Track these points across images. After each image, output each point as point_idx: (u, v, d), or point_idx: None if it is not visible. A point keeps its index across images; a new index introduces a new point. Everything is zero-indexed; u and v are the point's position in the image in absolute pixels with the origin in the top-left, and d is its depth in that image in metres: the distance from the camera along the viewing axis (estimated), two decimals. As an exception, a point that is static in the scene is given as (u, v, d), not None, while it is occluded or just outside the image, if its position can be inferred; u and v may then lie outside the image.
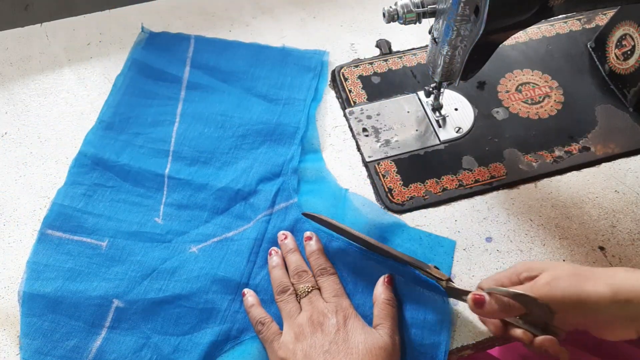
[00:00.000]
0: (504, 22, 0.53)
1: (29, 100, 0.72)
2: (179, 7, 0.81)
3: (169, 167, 0.65)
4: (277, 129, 0.68)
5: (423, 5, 0.57)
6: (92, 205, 0.62)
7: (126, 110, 0.69)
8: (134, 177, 0.64)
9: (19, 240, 0.62)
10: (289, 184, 0.64)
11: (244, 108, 0.70)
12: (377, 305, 0.55)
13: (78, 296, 0.56)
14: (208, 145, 0.67)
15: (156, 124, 0.68)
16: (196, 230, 0.61)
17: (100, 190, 0.63)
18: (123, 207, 0.62)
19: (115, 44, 0.77)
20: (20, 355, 0.54)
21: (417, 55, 0.76)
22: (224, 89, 0.72)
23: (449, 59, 0.59)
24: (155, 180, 0.64)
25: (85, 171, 0.64)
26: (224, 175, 0.65)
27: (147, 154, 0.66)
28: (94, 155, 0.65)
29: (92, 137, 0.67)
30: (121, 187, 0.64)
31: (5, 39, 0.77)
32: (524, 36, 0.78)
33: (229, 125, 0.68)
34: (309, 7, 0.82)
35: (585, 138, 0.69)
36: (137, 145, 0.67)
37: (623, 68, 0.72)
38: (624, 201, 0.65)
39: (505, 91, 0.73)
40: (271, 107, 0.70)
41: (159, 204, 0.63)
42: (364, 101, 0.72)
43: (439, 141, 0.69)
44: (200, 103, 0.70)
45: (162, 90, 0.71)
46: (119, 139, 0.67)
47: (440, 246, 0.61)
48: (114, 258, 0.59)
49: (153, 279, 0.58)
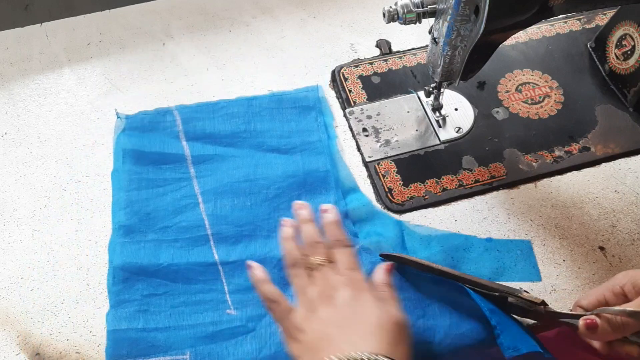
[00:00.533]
0: (504, 22, 0.53)
1: (29, 100, 0.72)
2: (179, 7, 0.81)
3: (216, 252, 0.60)
4: (307, 178, 0.65)
5: (423, 5, 0.57)
6: (153, 320, 0.56)
7: (141, 207, 0.62)
8: (183, 275, 0.58)
9: (19, 240, 0.62)
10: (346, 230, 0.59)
11: (264, 167, 0.65)
12: (377, 288, 0.53)
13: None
14: (245, 217, 0.62)
15: (180, 211, 0.62)
16: None
17: (154, 300, 0.57)
18: (187, 310, 0.57)
19: (115, 44, 0.77)
20: None
21: (417, 55, 0.76)
22: (233, 153, 0.66)
23: (449, 59, 0.59)
24: (208, 272, 0.59)
25: (128, 286, 0.58)
26: (276, 243, 0.59)
27: (185, 246, 0.60)
28: (129, 265, 0.58)
29: (117, 247, 0.60)
30: (175, 291, 0.58)
31: (5, 39, 0.77)
32: (524, 36, 0.78)
33: (257, 190, 0.64)
34: (309, 7, 0.82)
35: (585, 138, 0.69)
36: (170, 240, 0.60)
37: (623, 68, 0.72)
38: (624, 201, 0.65)
39: (505, 91, 0.73)
40: (291, 158, 0.66)
41: (224, 294, 0.58)
42: (364, 101, 0.72)
43: (439, 141, 0.69)
44: (215, 175, 0.65)
45: (169, 174, 0.65)
46: (147, 240, 0.60)
47: (518, 250, 0.61)
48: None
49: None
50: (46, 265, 0.60)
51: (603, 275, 0.60)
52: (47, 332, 0.56)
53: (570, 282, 0.60)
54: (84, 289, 0.59)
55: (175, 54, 0.77)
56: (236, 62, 0.76)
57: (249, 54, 0.77)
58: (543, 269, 0.60)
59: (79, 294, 0.59)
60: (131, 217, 0.62)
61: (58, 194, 0.65)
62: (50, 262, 0.60)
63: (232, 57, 0.77)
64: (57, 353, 0.55)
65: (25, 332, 0.56)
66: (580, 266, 0.61)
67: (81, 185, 0.65)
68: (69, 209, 0.64)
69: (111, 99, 0.72)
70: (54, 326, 0.57)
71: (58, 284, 0.59)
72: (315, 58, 0.77)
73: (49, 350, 0.55)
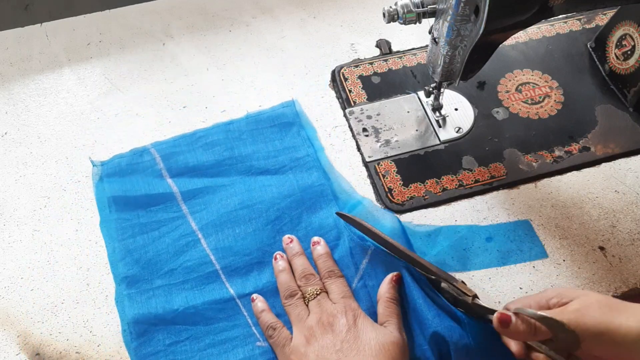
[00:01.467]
0: (504, 22, 0.53)
1: (29, 100, 0.72)
2: (179, 7, 0.81)
3: (230, 286, 0.59)
4: (304, 195, 0.64)
5: (423, 5, 0.57)
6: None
7: (141, 255, 0.60)
8: (203, 316, 0.57)
9: (19, 240, 0.62)
10: (354, 238, 0.60)
11: (257, 191, 0.64)
12: (382, 303, 0.55)
13: None
14: (250, 244, 0.61)
15: (182, 251, 0.60)
16: None
17: (179, 348, 0.55)
18: (216, 351, 0.55)
19: (115, 44, 0.77)
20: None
21: (417, 55, 0.76)
22: (222, 182, 0.65)
23: (449, 59, 0.59)
24: (227, 308, 0.57)
25: (148, 339, 0.55)
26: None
27: (197, 286, 0.58)
28: (143, 318, 0.56)
29: (125, 300, 0.58)
30: (198, 333, 0.56)
31: (5, 39, 0.77)
32: (524, 36, 0.78)
33: (257, 215, 0.62)
34: (309, 7, 0.82)
35: (585, 138, 0.69)
36: (179, 282, 0.59)
37: (623, 68, 0.72)
38: (624, 201, 0.65)
39: (505, 91, 0.73)
40: (283, 178, 0.65)
41: (249, 327, 0.56)
42: (364, 101, 0.72)
43: (439, 141, 0.69)
44: (209, 208, 0.63)
45: (161, 215, 0.63)
46: (156, 287, 0.58)
47: (521, 231, 0.62)
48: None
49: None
50: (46, 265, 0.60)
51: (603, 275, 0.60)
52: (47, 332, 0.56)
53: (571, 282, 0.60)
54: (84, 289, 0.59)
55: (175, 54, 0.77)
56: (236, 62, 0.76)
57: (249, 54, 0.77)
58: (543, 268, 0.60)
59: (79, 294, 0.59)
60: (132, 267, 0.59)
61: (58, 194, 0.65)
62: (50, 262, 0.60)
63: (232, 57, 0.77)
64: (57, 353, 0.55)
65: (25, 332, 0.56)
66: (580, 266, 0.61)
67: (81, 185, 0.65)
68: (69, 209, 0.64)
69: (111, 99, 0.72)
70: (54, 326, 0.57)
71: (58, 284, 0.59)
72: (315, 58, 0.77)
73: (49, 350, 0.55)
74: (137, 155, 0.67)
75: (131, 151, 0.67)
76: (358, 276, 0.58)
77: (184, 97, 0.73)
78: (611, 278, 0.60)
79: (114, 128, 0.70)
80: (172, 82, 0.74)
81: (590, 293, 0.49)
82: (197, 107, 0.72)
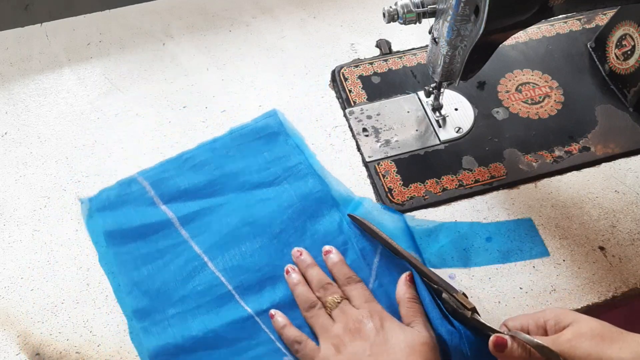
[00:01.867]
0: (504, 22, 0.53)
1: (29, 100, 0.72)
2: (179, 7, 0.81)
3: (246, 305, 0.58)
4: (304, 204, 0.63)
5: (423, 5, 0.57)
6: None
7: (148, 286, 0.58)
8: (224, 338, 0.56)
9: (19, 240, 0.62)
10: (360, 241, 0.60)
11: (257, 206, 0.63)
12: (403, 305, 0.54)
13: None
14: (259, 260, 0.60)
15: (190, 277, 0.59)
16: None
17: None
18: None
19: (115, 44, 0.77)
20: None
21: (417, 55, 0.76)
22: (218, 202, 0.63)
23: (449, 59, 0.59)
24: (247, 327, 0.56)
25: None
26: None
27: (212, 309, 0.57)
28: (163, 349, 0.55)
29: (141, 334, 0.56)
30: (223, 357, 0.55)
31: (5, 39, 0.77)
32: (524, 36, 0.78)
33: (261, 230, 0.61)
34: (309, 7, 0.82)
35: (585, 138, 0.69)
36: (193, 307, 0.57)
37: (623, 68, 0.72)
38: (624, 201, 0.65)
39: (505, 91, 0.73)
40: (280, 189, 0.64)
41: (272, 343, 0.56)
42: (364, 101, 0.72)
43: (439, 141, 0.69)
44: (210, 230, 0.62)
45: (162, 243, 0.61)
46: (170, 316, 0.57)
47: (522, 229, 0.62)
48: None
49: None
50: (46, 265, 0.60)
51: (603, 275, 0.60)
52: (47, 332, 0.56)
53: (570, 282, 0.60)
54: (84, 289, 0.59)
55: (175, 54, 0.77)
56: (236, 62, 0.76)
57: (249, 54, 0.77)
58: (543, 268, 0.60)
59: (79, 294, 0.59)
60: (142, 299, 0.58)
61: (58, 194, 0.65)
62: (50, 262, 0.60)
63: (232, 57, 0.77)
64: (57, 353, 0.55)
65: (25, 332, 0.56)
66: (580, 266, 0.61)
67: (81, 185, 0.65)
68: (69, 209, 0.64)
69: (111, 99, 0.72)
70: (54, 326, 0.57)
71: (58, 284, 0.59)
72: (315, 58, 0.77)
73: (49, 350, 0.55)
74: (125, 186, 0.64)
75: (117, 183, 0.65)
76: (373, 276, 0.59)
77: (184, 97, 0.73)
78: (611, 278, 0.60)
79: (114, 128, 0.70)
80: (172, 82, 0.74)
81: (588, 319, 0.49)
82: (197, 107, 0.72)
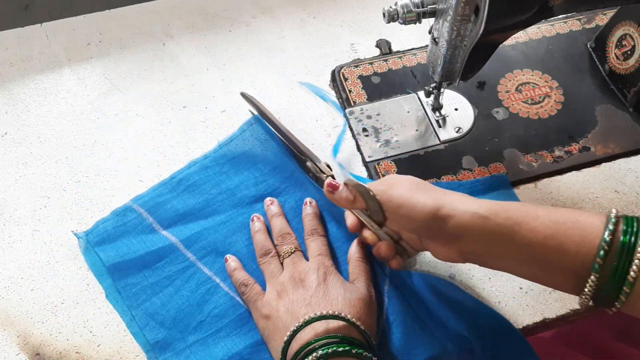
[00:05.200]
0: (504, 22, 0.53)
1: (29, 100, 0.72)
2: (179, 7, 0.81)
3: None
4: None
5: (423, 5, 0.57)
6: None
7: (164, 317, 0.56)
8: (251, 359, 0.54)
9: (19, 240, 0.62)
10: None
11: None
12: (352, 263, 0.58)
13: None
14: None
15: (205, 301, 0.57)
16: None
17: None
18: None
19: (115, 44, 0.77)
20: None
21: (417, 55, 0.76)
22: (221, 220, 0.62)
23: (449, 59, 0.59)
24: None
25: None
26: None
27: (233, 330, 0.56)
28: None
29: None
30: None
31: (5, 39, 0.77)
32: (524, 36, 0.78)
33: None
34: (309, 7, 0.82)
35: (585, 138, 0.69)
36: (213, 332, 0.56)
37: (623, 68, 0.72)
38: (624, 201, 0.65)
39: (505, 91, 0.73)
40: (280, 201, 0.63)
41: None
42: (364, 101, 0.72)
43: (439, 141, 0.69)
44: (218, 250, 0.60)
45: (169, 269, 0.59)
46: (190, 344, 0.55)
47: (497, 184, 0.64)
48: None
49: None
50: (46, 265, 0.60)
51: (603, 275, 0.60)
52: (47, 332, 0.56)
53: (570, 282, 0.60)
54: (84, 289, 0.59)
55: (175, 54, 0.77)
56: (236, 62, 0.76)
57: (249, 54, 0.77)
58: (543, 269, 0.60)
59: (79, 294, 0.59)
60: (159, 331, 0.56)
61: (58, 194, 0.65)
62: (50, 262, 0.60)
63: (232, 57, 0.77)
64: (57, 353, 0.55)
65: (25, 332, 0.56)
66: (580, 266, 0.61)
67: (81, 185, 0.65)
68: (69, 209, 0.64)
69: (111, 99, 0.72)
70: (54, 326, 0.57)
71: (58, 284, 0.59)
72: (315, 58, 0.77)
73: (49, 350, 0.55)
74: (120, 215, 0.62)
75: (112, 213, 0.62)
76: (387, 282, 0.59)
77: (184, 97, 0.73)
78: (611, 278, 0.60)
79: (114, 128, 0.70)
80: (172, 82, 0.74)
81: (413, 177, 0.52)
82: (197, 107, 0.72)
